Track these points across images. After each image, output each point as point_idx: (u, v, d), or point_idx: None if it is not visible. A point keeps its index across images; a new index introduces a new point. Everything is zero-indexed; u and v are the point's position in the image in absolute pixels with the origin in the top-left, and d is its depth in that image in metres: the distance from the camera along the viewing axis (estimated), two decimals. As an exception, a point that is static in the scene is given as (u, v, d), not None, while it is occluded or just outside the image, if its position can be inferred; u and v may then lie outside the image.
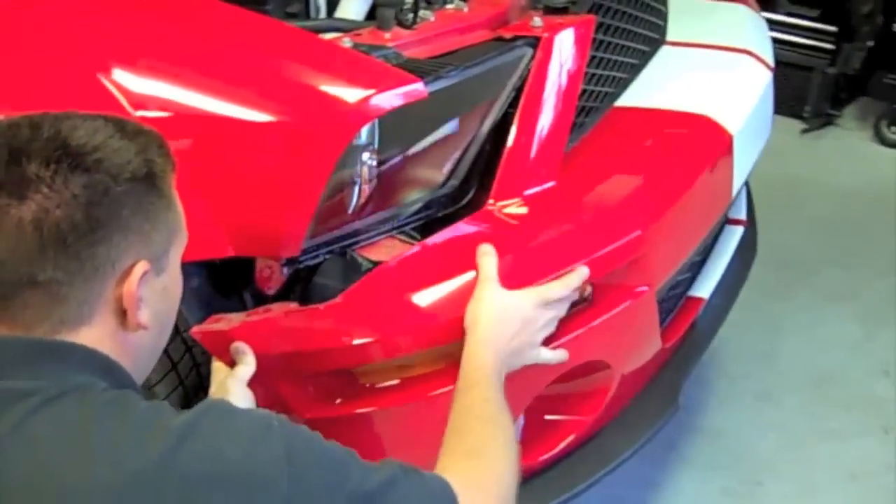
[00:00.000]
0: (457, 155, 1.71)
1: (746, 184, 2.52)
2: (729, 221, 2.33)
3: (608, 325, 1.72)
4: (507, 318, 1.52)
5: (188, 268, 1.31)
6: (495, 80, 1.71)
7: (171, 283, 1.21)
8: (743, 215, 2.36)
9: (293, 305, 1.57)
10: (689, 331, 2.06)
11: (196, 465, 1.03)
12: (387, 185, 1.64)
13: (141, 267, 1.12)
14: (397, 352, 1.58)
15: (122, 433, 1.03)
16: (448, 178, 1.71)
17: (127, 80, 1.47)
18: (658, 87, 2.03)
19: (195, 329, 1.53)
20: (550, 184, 1.74)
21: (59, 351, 1.08)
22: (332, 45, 1.61)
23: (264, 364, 1.52)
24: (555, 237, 1.69)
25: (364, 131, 1.55)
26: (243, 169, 1.48)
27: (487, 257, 1.57)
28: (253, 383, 1.50)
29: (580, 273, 1.60)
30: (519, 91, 1.73)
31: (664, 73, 2.08)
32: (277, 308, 1.56)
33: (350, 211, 1.60)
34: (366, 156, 1.58)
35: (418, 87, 1.53)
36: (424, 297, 1.57)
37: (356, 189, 1.59)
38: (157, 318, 1.17)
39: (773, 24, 3.27)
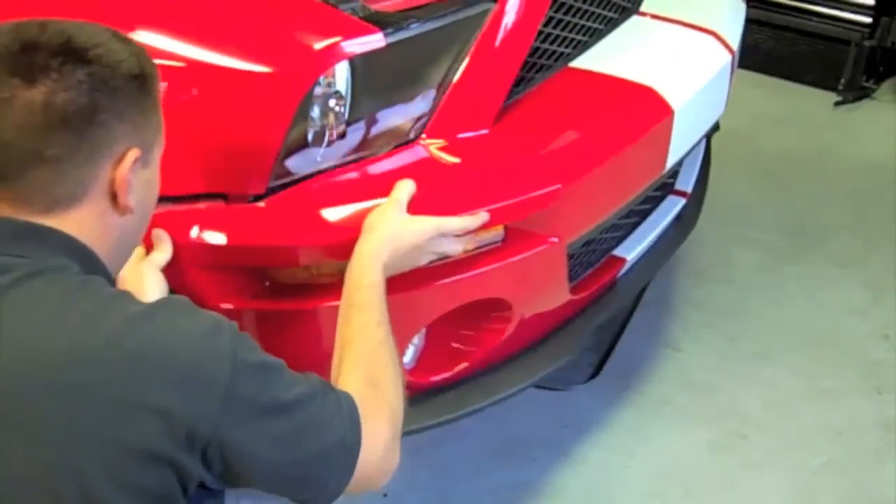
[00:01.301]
0: (422, 107, 1.86)
1: (707, 159, 2.66)
2: (673, 192, 2.46)
3: (514, 267, 1.89)
4: (401, 237, 1.68)
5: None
6: (458, 33, 1.86)
7: (153, 178, 1.38)
8: (688, 188, 2.49)
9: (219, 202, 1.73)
10: (607, 288, 2.21)
11: (146, 346, 1.19)
12: (355, 133, 1.81)
13: (133, 153, 1.29)
14: (305, 259, 1.76)
15: (85, 310, 1.21)
16: (412, 129, 1.87)
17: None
18: (614, 54, 2.15)
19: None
20: (483, 131, 1.89)
21: (43, 234, 1.25)
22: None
23: (181, 253, 1.69)
24: (475, 179, 1.84)
25: (330, 78, 1.73)
26: (213, 111, 1.68)
27: (403, 184, 1.74)
28: (166, 269, 1.68)
29: (480, 217, 1.77)
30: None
31: (624, 41, 2.20)
32: (204, 202, 1.73)
33: (317, 156, 1.77)
34: (332, 102, 1.75)
35: (377, 38, 1.72)
36: (336, 214, 1.74)
37: (322, 133, 1.76)
38: (139, 206, 1.34)
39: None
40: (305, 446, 1.29)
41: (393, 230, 1.67)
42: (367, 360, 1.49)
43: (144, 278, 1.63)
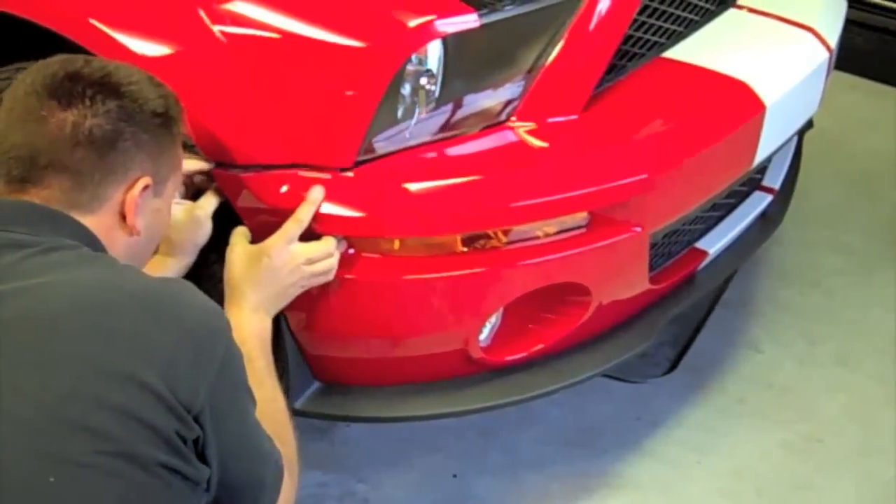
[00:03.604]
0: (513, 89, 1.92)
1: (797, 157, 2.67)
2: (760, 188, 2.48)
3: (596, 254, 1.96)
4: (254, 273, 1.77)
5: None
6: (553, 16, 1.92)
7: (164, 210, 1.57)
8: (776, 185, 2.51)
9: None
10: (685, 280, 2.24)
11: (160, 303, 1.34)
12: (444, 112, 1.88)
13: (144, 181, 1.47)
14: (387, 230, 1.84)
15: (101, 273, 1.37)
16: (502, 111, 1.93)
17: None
18: (709, 46, 2.19)
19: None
20: (573, 117, 1.94)
21: (60, 219, 1.42)
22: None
23: (268, 217, 1.78)
24: (562, 164, 1.91)
25: (422, 56, 1.80)
26: (306, 82, 1.77)
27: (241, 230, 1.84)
28: (256, 236, 1.80)
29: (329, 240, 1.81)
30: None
31: (719, 33, 2.23)
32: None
33: (405, 132, 1.85)
34: (423, 80, 1.82)
35: (471, 18, 1.80)
36: (421, 189, 1.82)
37: (412, 110, 1.83)
38: (147, 231, 1.52)
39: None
40: (255, 463, 1.44)
41: (239, 271, 1.77)
42: (269, 420, 1.55)
43: (202, 225, 1.80)
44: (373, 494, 2.35)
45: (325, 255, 1.78)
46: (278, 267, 1.75)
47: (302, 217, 1.76)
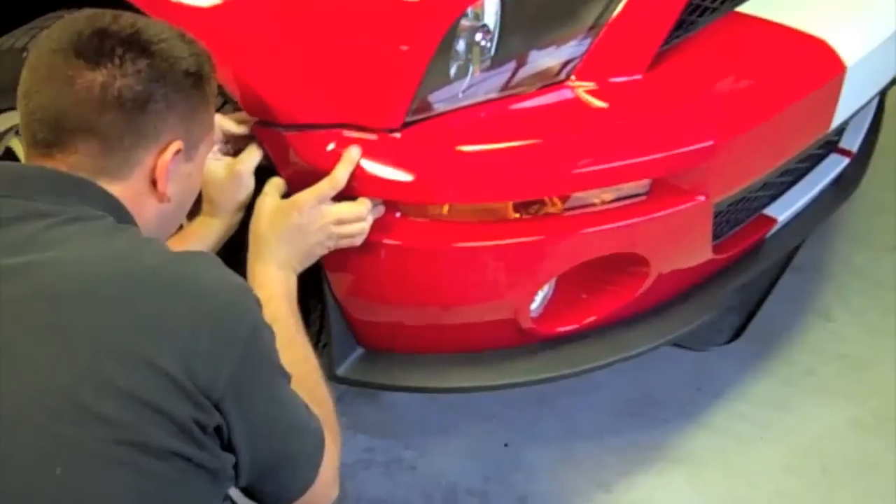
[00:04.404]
0: (574, 47, 1.83)
1: (878, 117, 2.54)
2: (837, 150, 2.36)
3: (655, 224, 1.87)
4: (278, 224, 1.70)
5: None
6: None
7: (195, 173, 1.50)
8: (854, 147, 2.39)
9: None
10: (753, 247, 2.14)
11: (180, 280, 1.28)
12: (500, 71, 1.79)
13: (176, 145, 1.40)
14: (436, 196, 1.77)
15: (121, 246, 1.31)
16: (562, 70, 1.84)
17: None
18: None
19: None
20: (637, 76, 1.84)
21: (86, 187, 1.35)
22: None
23: (313, 178, 1.71)
24: (622, 127, 1.82)
25: (478, 10, 1.72)
26: (353, 36, 1.70)
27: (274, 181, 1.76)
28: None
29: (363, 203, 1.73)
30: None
31: (800, -14, 2.10)
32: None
33: (458, 91, 1.76)
34: (478, 36, 1.74)
35: None
36: (473, 151, 1.74)
37: (466, 68, 1.75)
38: (177, 197, 1.46)
39: None
40: (291, 439, 1.37)
41: (267, 223, 1.70)
42: (304, 382, 1.49)
43: (244, 180, 1.74)
44: (420, 461, 2.32)
45: (356, 219, 1.71)
46: (306, 224, 1.69)
47: (338, 177, 1.69)
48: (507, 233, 1.80)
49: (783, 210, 2.20)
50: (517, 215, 1.81)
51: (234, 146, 1.78)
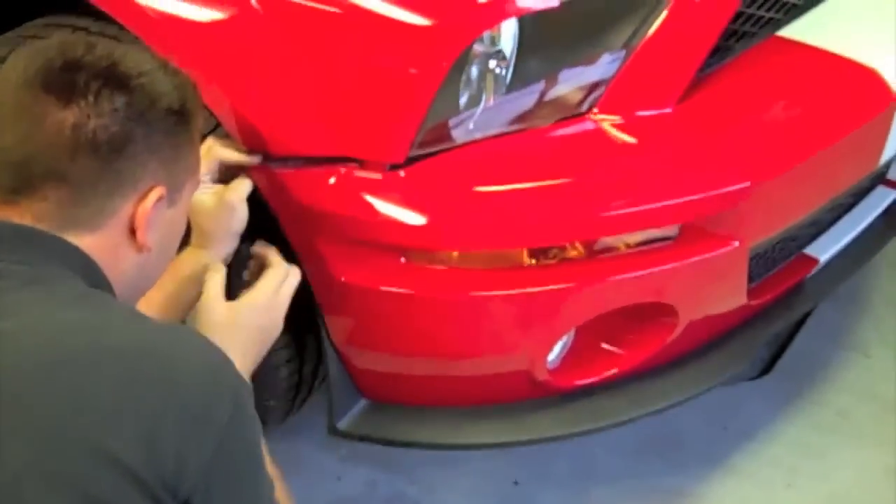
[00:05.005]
0: (597, 76, 1.68)
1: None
2: (884, 182, 2.20)
3: (685, 272, 1.74)
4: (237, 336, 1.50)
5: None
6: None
7: (178, 219, 1.37)
8: (904, 178, 2.23)
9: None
10: (792, 289, 2.00)
11: (153, 360, 1.12)
12: (515, 101, 1.65)
13: (158, 191, 1.27)
14: (443, 242, 1.62)
15: (84, 318, 1.15)
16: (583, 101, 1.69)
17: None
18: (834, 23, 1.91)
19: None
20: (666, 109, 1.70)
21: (50, 243, 1.21)
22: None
23: (310, 220, 1.59)
24: (648, 166, 1.68)
25: (493, 35, 1.58)
26: (354, 63, 1.55)
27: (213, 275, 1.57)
28: (294, 238, 1.61)
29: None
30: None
31: (848, 9, 1.94)
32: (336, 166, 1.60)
33: (469, 124, 1.62)
34: (492, 63, 1.60)
35: None
36: (484, 192, 1.60)
37: (478, 99, 1.62)
38: (159, 245, 1.31)
39: None
40: None
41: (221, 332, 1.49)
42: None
43: (237, 209, 1.58)
44: (425, 498, 2.20)
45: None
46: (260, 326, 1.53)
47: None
48: (522, 281, 1.67)
49: (826, 249, 2.05)
50: (532, 261, 1.67)
51: (225, 173, 1.64)
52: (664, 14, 1.66)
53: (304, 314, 1.69)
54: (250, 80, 1.57)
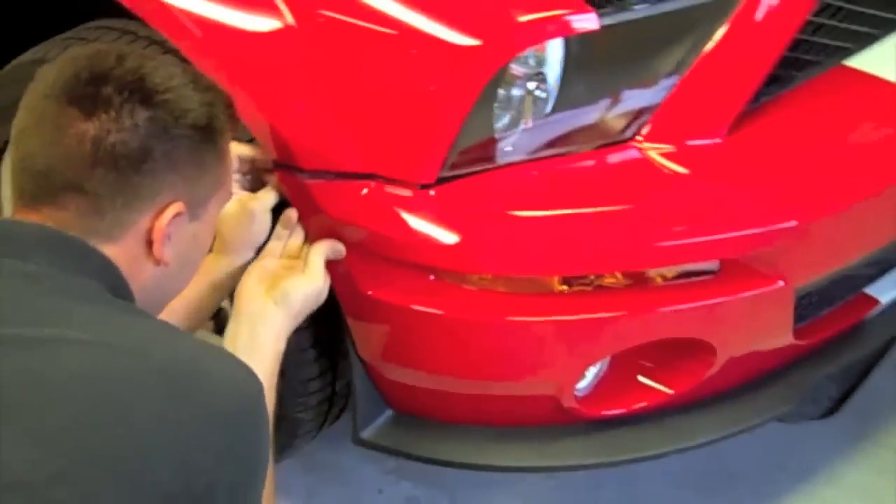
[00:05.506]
0: (643, 102, 1.65)
1: None
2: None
3: (724, 309, 1.68)
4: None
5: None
6: (697, 19, 1.63)
7: (203, 233, 1.37)
8: None
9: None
10: (850, 330, 1.92)
11: (191, 380, 1.13)
12: (555, 124, 1.62)
13: (176, 207, 1.27)
14: (470, 264, 1.60)
15: (124, 330, 1.16)
16: (627, 128, 1.66)
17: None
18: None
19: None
20: (715, 140, 1.65)
21: (83, 250, 1.22)
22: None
23: (337, 233, 1.60)
24: (690, 197, 1.64)
25: (542, 57, 1.56)
26: (388, 80, 1.54)
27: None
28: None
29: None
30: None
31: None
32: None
33: (506, 146, 1.60)
34: (531, 85, 1.58)
35: (589, 18, 1.52)
36: (517, 216, 1.58)
37: (516, 121, 1.59)
38: (179, 259, 1.32)
39: None
40: None
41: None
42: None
43: (257, 218, 1.60)
44: (464, 519, 2.17)
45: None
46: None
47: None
48: (553, 309, 1.64)
49: (889, 290, 1.96)
50: (563, 287, 1.64)
51: (253, 181, 1.65)
52: (714, 42, 1.62)
53: (337, 328, 1.70)
54: (282, 93, 1.57)
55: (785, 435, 2.29)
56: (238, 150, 1.60)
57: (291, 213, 1.62)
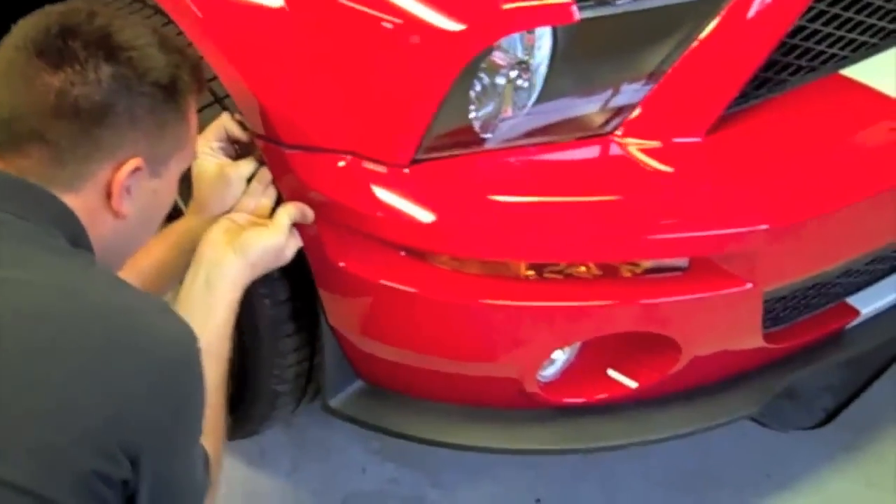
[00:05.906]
0: (624, 97, 1.67)
1: None
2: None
3: (690, 306, 1.69)
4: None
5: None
6: (682, 16, 1.64)
7: (164, 190, 1.41)
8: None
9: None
10: (828, 338, 1.92)
11: (129, 325, 1.19)
12: (534, 114, 1.65)
13: (135, 162, 1.31)
14: (440, 243, 1.64)
15: (82, 274, 1.24)
16: (608, 122, 1.68)
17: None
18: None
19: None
20: (694, 139, 1.66)
21: (41, 197, 1.27)
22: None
23: (312, 203, 1.64)
24: (663, 193, 1.65)
25: (529, 46, 1.58)
26: (369, 62, 1.58)
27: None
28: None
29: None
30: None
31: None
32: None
33: (484, 133, 1.63)
34: (513, 74, 1.60)
35: (568, 10, 1.53)
36: (490, 203, 1.61)
37: (497, 108, 1.62)
38: (138, 214, 1.36)
39: None
40: (186, 497, 1.30)
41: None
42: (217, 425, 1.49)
43: (233, 183, 1.66)
44: (444, 503, 2.19)
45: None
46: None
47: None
48: (519, 294, 1.67)
49: (870, 302, 1.96)
50: (530, 273, 1.66)
51: (239, 151, 1.70)
52: (698, 41, 1.62)
53: (315, 302, 1.75)
54: (267, 68, 1.62)
55: (773, 442, 2.29)
56: (225, 122, 1.66)
57: (266, 172, 1.67)
